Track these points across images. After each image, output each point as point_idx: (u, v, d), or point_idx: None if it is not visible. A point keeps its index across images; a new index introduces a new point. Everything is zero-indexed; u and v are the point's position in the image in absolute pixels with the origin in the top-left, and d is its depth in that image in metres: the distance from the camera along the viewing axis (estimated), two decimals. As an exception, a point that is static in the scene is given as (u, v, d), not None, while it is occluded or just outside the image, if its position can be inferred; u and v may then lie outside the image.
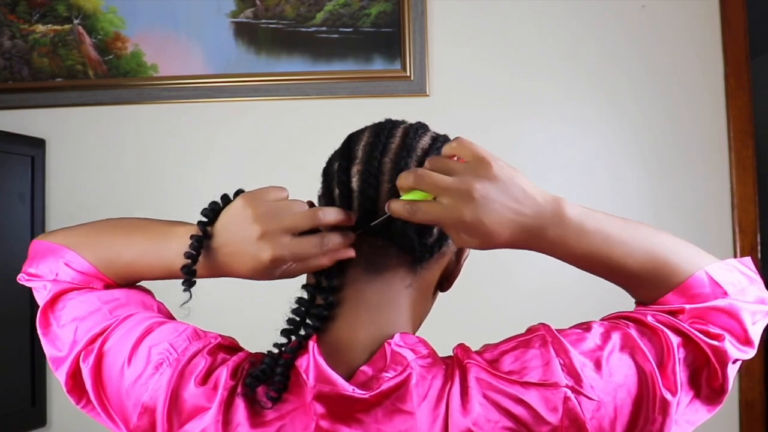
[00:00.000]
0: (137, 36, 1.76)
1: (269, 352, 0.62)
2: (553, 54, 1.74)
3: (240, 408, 0.59)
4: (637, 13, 1.74)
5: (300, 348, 0.61)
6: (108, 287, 0.70)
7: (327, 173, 0.69)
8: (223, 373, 0.61)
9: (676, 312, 0.63)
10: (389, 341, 0.61)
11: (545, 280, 1.64)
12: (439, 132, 0.70)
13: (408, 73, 1.72)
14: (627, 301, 0.71)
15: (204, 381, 0.61)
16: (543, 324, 0.64)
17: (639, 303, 0.69)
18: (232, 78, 1.74)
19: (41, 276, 0.70)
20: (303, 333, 0.62)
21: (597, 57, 1.74)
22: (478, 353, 0.62)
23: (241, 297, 1.59)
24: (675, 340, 0.61)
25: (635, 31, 1.74)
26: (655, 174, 1.72)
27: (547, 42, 1.75)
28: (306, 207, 0.63)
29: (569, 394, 0.57)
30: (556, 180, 1.72)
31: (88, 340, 0.65)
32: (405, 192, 0.60)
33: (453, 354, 0.63)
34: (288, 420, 0.59)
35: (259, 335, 0.66)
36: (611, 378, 0.59)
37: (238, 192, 0.64)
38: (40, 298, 0.70)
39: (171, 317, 0.72)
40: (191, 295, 0.62)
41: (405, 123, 0.69)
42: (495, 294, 1.68)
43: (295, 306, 0.64)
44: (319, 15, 1.75)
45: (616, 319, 0.65)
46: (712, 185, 1.71)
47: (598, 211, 0.63)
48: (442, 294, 0.73)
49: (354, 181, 0.64)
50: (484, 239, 0.58)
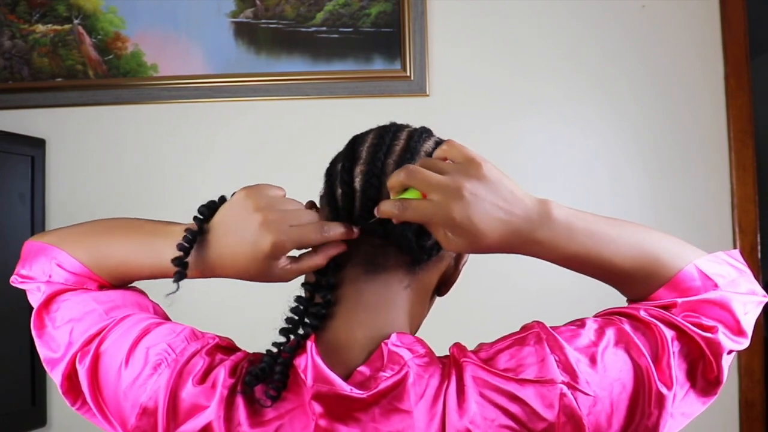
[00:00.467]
0: (137, 36, 1.77)
1: (268, 351, 0.62)
2: (553, 54, 1.74)
3: (240, 407, 0.59)
4: (637, 13, 1.74)
5: (299, 347, 0.61)
6: (102, 288, 0.70)
7: (330, 173, 0.69)
8: (221, 373, 0.61)
9: (668, 306, 0.64)
10: (386, 341, 0.62)
11: (543, 281, 1.64)
12: (441, 134, 0.70)
13: (408, 73, 1.72)
14: (625, 302, 0.71)
15: (202, 380, 0.61)
16: (537, 321, 0.64)
17: (631, 301, 0.69)
18: (232, 78, 1.74)
19: (34, 278, 0.70)
20: (302, 332, 0.62)
21: (597, 57, 1.74)
22: (474, 352, 0.62)
23: (241, 297, 1.59)
24: (669, 333, 0.61)
25: (635, 31, 1.74)
26: (655, 174, 1.72)
27: (547, 42, 1.75)
28: (301, 206, 0.63)
29: (565, 390, 0.57)
30: (556, 180, 1.72)
31: (84, 341, 0.65)
32: (396, 193, 0.61)
33: (449, 353, 0.63)
34: (287, 419, 0.59)
35: (259, 335, 0.66)
36: (607, 373, 0.59)
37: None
38: (33, 300, 0.70)
39: (167, 318, 0.72)
40: (178, 287, 0.61)
41: (409, 127, 0.70)
42: (493, 295, 1.68)
43: (294, 305, 0.64)
44: (319, 15, 1.75)
45: (609, 315, 0.65)
46: (712, 185, 1.71)
47: (584, 212, 0.63)
48: (440, 297, 0.73)
49: (357, 181, 0.65)
50: (471, 239, 0.58)
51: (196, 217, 0.64)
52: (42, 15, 1.77)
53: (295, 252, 0.63)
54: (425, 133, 0.69)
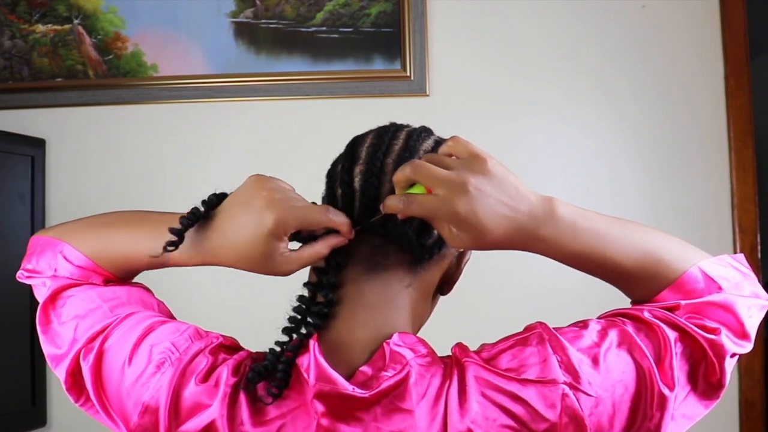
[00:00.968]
0: (137, 36, 1.77)
1: (271, 349, 0.62)
2: (553, 54, 1.74)
3: (243, 406, 0.59)
4: (637, 13, 1.74)
5: (301, 346, 0.61)
6: (107, 281, 0.70)
7: (330, 175, 0.69)
8: (224, 371, 0.61)
9: (672, 308, 0.64)
10: (388, 341, 0.62)
11: (546, 280, 1.64)
12: (441, 134, 0.70)
13: (408, 73, 1.72)
14: (627, 302, 0.71)
15: (205, 379, 0.61)
16: (540, 322, 0.64)
17: (634, 302, 0.69)
18: (232, 78, 1.74)
19: (40, 272, 0.70)
20: (304, 331, 0.62)
21: (597, 57, 1.74)
22: (476, 352, 0.62)
23: (245, 296, 1.60)
24: (672, 335, 0.61)
25: (635, 31, 1.74)
26: (655, 174, 1.72)
27: (547, 42, 1.75)
28: (308, 202, 0.63)
29: (567, 390, 0.57)
30: (556, 180, 1.72)
31: (88, 338, 0.65)
32: (401, 189, 0.61)
33: (451, 353, 0.63)
34: (289, 418, 0.59)
35: (263, 335, 0.66)
36: (609, 374, 0.59)
37: None
38: (39, 295, 0.70)
39: (171, 316, 0.72)
40: (164, 252, 0.61)
41: (409, 126, 0.70)
42: (496, 294, 1.68)
43: (296, 304, 0.64)
44: (319, 15, 1.75)
45: (612, 317, 0.65)
46: (712, 185, 1.71)
47: (589, 211, 0.63)
48: (443, 296, 0.73)
49: (356, 181, 0.65)
50: (475, 235, 0.58)
51: (203, 201, 0.64)
52: (42, 15, 1.77)
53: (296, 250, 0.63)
54: (424, 133, 0.69)
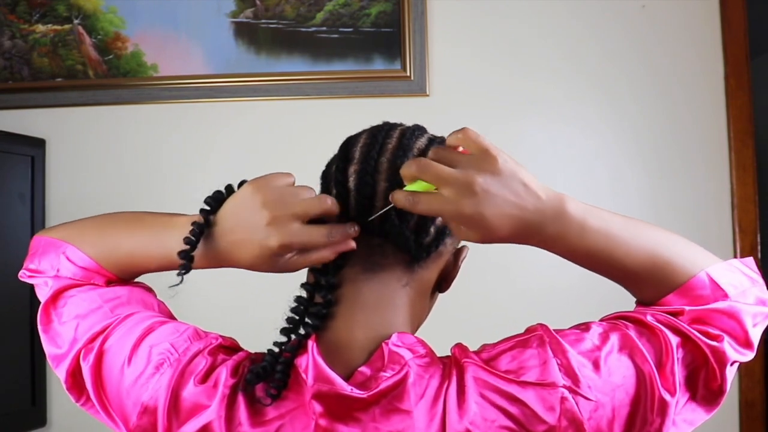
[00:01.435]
0: (137, 36, 1.77)
1: (269, 350, 0.62)
2: (553, 54, 1.74)
3: (241, 407, 0.59)
4: (637, 13, 1.74)
5: (300, 347, 0.61)
6: (110, 282, 0.70)
7: (325, 176, 0.69)
8: (223, 372, 0.61)
9: (676, 313, 0.63)
10: (387, 341, 0.61)
11: (546, 279, 1.64)
12: (442, 134, 0.70)
13: (408, 73, 1.72)
14: (628, 301, 0.71)
15: (204, 380, 0.61)
16: (541, 324, 0.64)
17: (639, 303, 0.69)
18: (232, 78, 1.74)
19: (42, 272, 0.70)
20: (302, 332, 0.62)
21: (597, 57, 1.74)
22: (475, 353, 0.62)
23: (245, 297, 1.59)
24: (674, 340, 0.61)
25: (635, 31, 1.74)
26: (655, 174, 1.72)
27: (547, 42, 1.75)
28: (314, 193, 0.63)
29: (566, 394, 0.57)
30: (556, 180, 1.72)
31: (88, 338, 0.65)
32: (408, 182, 0.60)
33: (451, 353, 0.63)
34: (288, 419, 0.59)
35: (263, 335, 0.66)
36: (609, 378, 0.59)
37: (242, 183, 0.64)
38: (41, 294, 0.70)
39: (171, 317, 0.72)
40: (182, 280, 0.61)
41: (402, 125, 0.70)
42: (495, 293, 1.68)
43: (294, 305, 0.64)
44: (319, 15, 1.75)
45: (615, 320, 0.65)
46: (712, 185, 1.71)
47: (601, 209, 0.63)
48: (441, 294, 0.73)
49: (351, 181, 0.65)
50: (484, 233, 0.58)
51: (202, 210, 0.63)
52: (42, 15, 1.77)
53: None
54: (417, 131, 0.68)
